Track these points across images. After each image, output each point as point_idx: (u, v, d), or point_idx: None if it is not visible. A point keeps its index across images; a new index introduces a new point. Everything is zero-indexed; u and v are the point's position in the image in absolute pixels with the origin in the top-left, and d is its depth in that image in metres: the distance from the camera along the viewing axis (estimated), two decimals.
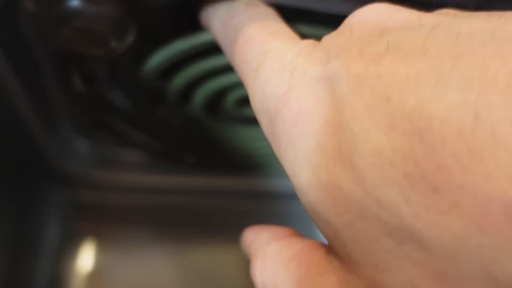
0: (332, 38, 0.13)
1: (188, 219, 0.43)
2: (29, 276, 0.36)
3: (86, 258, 0.39)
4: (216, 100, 0.35)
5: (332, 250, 0.12)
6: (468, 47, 0.09)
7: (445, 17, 0.11)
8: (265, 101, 0.13)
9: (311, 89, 0.12)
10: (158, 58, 0.25)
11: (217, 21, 0.19)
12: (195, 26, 0.28)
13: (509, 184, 0.07)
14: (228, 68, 0.26)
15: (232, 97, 0.29)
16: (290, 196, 0.46)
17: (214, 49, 0.24)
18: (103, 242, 0.40)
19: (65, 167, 0.37)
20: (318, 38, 0.14)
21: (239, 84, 0.28)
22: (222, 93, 0.30)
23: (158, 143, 0.37)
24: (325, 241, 0.13)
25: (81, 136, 0.37)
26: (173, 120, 0.33)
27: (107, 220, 0.41)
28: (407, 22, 0.11)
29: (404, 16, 0.12)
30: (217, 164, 0.41)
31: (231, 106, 0.30)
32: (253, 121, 0.35)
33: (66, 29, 0.21)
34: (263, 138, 0.36)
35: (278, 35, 0.15)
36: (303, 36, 0.16)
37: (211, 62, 0.25)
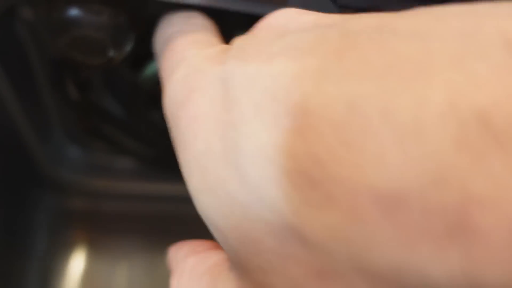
0: (238, 41, 0.13)
1: (181, 227, 0.43)
2: (19, 284, 0.36)
3: (77, 266, 0.39)
4: None
5: (229, 257, 0.12)
6: (354, 43, 0.09)
7: (344, 16, 0.11)
8: (170, 105, 0.13)
9: (207, 91, 0.11)
10: (156, 65, 0.25)
11: (157, 33, 0.19)
12: None
13: (376, 174, 0.07)
14: None
15: None
16: None
17: None
18: (95, 250, 0.39)
19: (57, 174, 0.37)
20: None
21: None
22: None
23: (152, 150, 0.37)
24: None
25: (74, 143, 0.37)
26: (167, 127, 0.33)
27: (98, 227, 0.41)
28: (306, 23, 0.12)
29: (306, 18, 0.12)
30: None
31: None
32: None
33: (64, 38, 0.21)
34: None
35: (199, 43, 0.15)
36: None
37: None
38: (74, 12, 0.20)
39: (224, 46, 0.14)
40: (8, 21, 0.23)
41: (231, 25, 0.27)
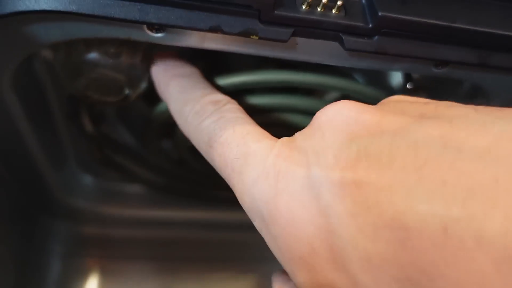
0: (306, 141, 0.14)
1: (191, 252, 0.43)
2: None
3: None
4: None
5: None
6: (426, 159, 0.10)
7: (402, 119, 0.12)
8: (255, 203, 0.14)
9: (297, 196, 0.13)
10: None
11: (183, 117, 0.19)
12: (204, 71, 0.29)
13: None
14: None
15: None
16: None
17: (225, 93, 0.25)
18: (107, 276, 0.40)
19: (69, 202, 0.38)
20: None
21: None
22: None
23: (162, 178, 0.38)
24: None
25: (87, 172, 0.38)
26: (180, 156, 0.34)
27: (110, 254, 0.41)
28: (370, 126, 0.13)
29: (367, 119, 0.13)
30: (219, 197, 0.41)
31: None
32: None
33: (82, 80, 0.22)
34: None
35: (251, 135, 0.16)
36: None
37: None
38: (92, 55, 0.22)
39: (285, 141, 0.15)
40: (31, 62, 0.24)
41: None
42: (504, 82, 0.23)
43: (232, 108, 0.18)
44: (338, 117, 0.13)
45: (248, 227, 0.49)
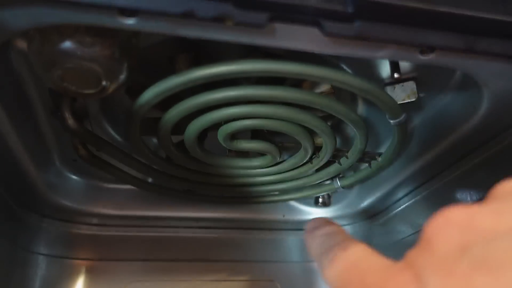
0: (418, 258, 0.13)
1: (180, 250, 0.43)
2: None
3: None
4: (208, 133, 0.36)
5: None
6: None
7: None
8: None
9: None
10: (151, 92, 0.25)
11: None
12: (188, 61, 0.28)
13: None
14: (223, 104, 0.27)
15: (224, 131, 0.29)
16: (280, 225, 0.46)
17: (208, 84, 0.24)
18: (94, 275, 0.39)
19: (57, 202, 0.37)
20: None
21: (231, 119, 0.28)
22: (214, 126, 0.30)
23: (151, 177, 0.37)
24: None
25: (73, 171, 0.37)
26: (166, 153, 0.33)
27: (98, 255, 0.40)
28: (484, 231, 0.12)
29: (482, 224, 0.12)
30: (209, 195, 0.41)
31: (223, 139, 0.30)
32: (241, 152, 0.36)
33: (57, 70, 0.22)
34: (252, 168, 0.36)
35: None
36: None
37: (205, 97, 0.25)
38: (66, 45, 0.21)
39: (406, 270, 0.14)
40: (3, 52, 0.23)
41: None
42: (493, 69, 0.22)
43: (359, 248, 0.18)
44: (449, 230, 0.13)
45: (240, 227, 0.49)
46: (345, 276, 0.17)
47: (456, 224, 0.13)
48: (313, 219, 0.23)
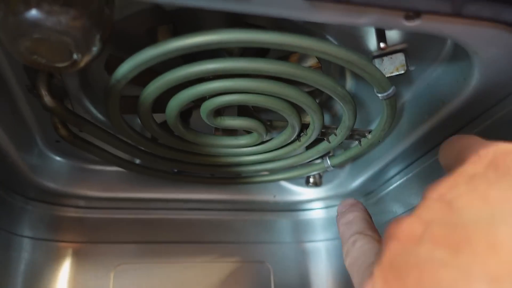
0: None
1: (169, 232, 0.42)
2: None
3: (63, 275, 0.38)
4: (193, 111, 0.35)
5: None
6: None
7: None
8: None
9: None
10: (126, 66, 0.24)
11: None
12: (168, 34, 0.27)
13: None
14: (205, 79, 0.26)
15: (206, 107, 0.28)
16: (271, 206, 0.45)
17: (186, 56, 0.23)
18: (80, 260, 0.38)
19: (41, 184, 0.36)
20: None
21: (214, 94, 0.27)
22: (196, 102, 0.29)
23: (136, 156, 0.36)
24: None
25: (57, 153, 0.36)
26: (148, 132, 0.32)
27: (85, 237, 0.40)
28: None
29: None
30: (199, 176, 0.40)
31: (206, 115, 0.29)
32: (228, 130, 0.35)
33: (24, 41, 0.21)
34: (238, 147, 0.35)
35: None
36: None
37: (183, 71, 0.24)
38: (32, 14, 0.20)
39: None
40: None
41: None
42: (483, 35, 0.21)
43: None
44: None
45: (230, 208, 0.48)
46: (350, 269, 0.20)
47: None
48: (342, 201, 0.25)
